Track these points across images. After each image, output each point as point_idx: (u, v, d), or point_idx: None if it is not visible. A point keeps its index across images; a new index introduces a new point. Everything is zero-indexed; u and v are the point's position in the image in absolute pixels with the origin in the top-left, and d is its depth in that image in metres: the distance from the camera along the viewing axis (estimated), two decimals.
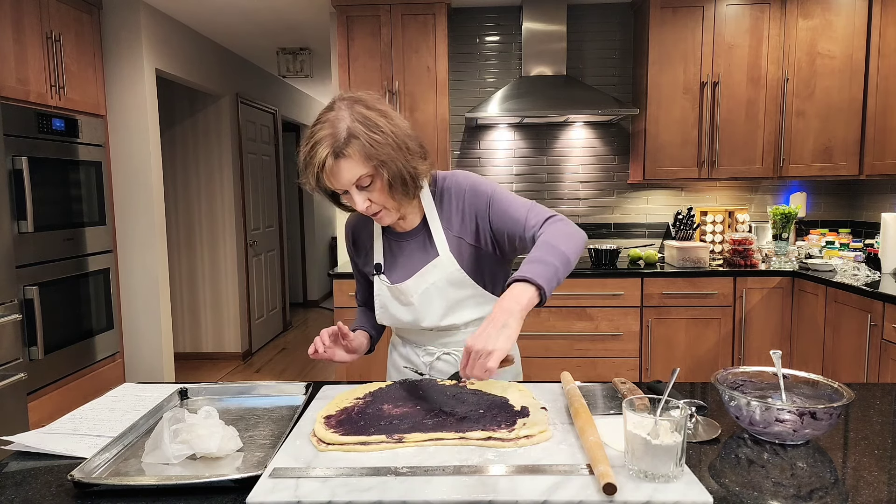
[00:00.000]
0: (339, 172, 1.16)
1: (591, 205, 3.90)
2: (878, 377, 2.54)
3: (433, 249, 1.34)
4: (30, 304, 2.76)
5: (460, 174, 1.35)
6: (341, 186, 1.18)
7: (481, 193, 1.30)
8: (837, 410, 0.97)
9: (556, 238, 1.16)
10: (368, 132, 1.15)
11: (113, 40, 3.56)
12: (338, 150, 1.14)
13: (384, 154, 1.16)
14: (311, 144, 1.16)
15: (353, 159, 1.15)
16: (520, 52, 3.75)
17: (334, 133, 1.14)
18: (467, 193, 1.32)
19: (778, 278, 3.23)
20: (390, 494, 0.83)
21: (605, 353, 3.31)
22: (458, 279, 1.32)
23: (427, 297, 1.33)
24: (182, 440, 0.97)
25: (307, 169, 1.17)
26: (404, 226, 1.37)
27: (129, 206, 3.66)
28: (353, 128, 1.15)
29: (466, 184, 1.32)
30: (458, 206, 1.33)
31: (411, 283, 1.33)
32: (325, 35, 4.30)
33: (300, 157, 1.19)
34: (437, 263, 1.32)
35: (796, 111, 3.41)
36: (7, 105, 2.66)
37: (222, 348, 4.96)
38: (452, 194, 1.33)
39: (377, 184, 1.19)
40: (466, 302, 1.35)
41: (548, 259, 1.11)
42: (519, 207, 1.26)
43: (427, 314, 1.35)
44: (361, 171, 1.16)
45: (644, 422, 0.86)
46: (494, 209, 1.29)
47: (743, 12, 3.37)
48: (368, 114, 1.17)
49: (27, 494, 0.88)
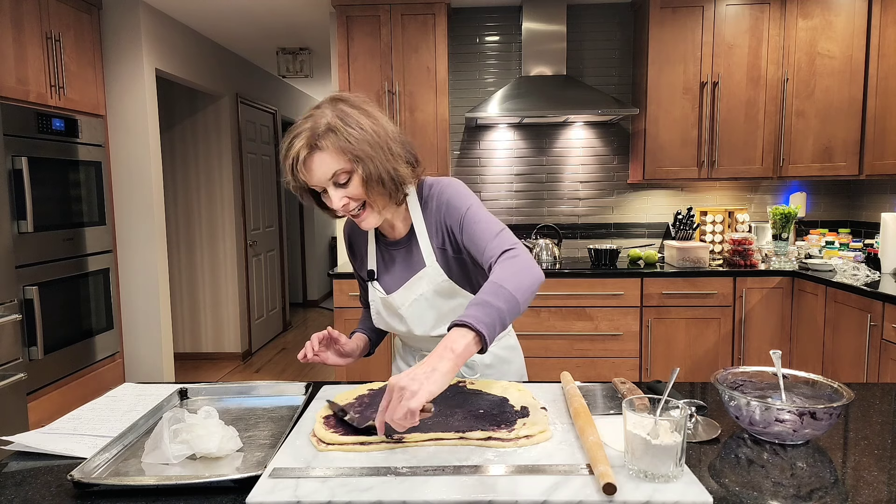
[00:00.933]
0: (313, 166, 1.15)
1: (591, 205, 3.90)
2: (878, 377, 2.54)
3: (420, 259, 1.32)
4: (30, 304, 2.76)
5: (444, 182, 1.31)
6: (317, 182, 1.16)
7: (455, 209, 1.26)
8: (837, 410, 0.97)
9: (506, 278, 1.06)
10: (346, 127, 1.14)
11: (113, 40, 3.56)
12: (313, 143, 1.13)
13: (360, 150, 1.14)
14: (289, 138, 1.16)
15: (327, 152, 1.14)
16: (520, 52, 3.75)
17: (313, 126, 1.15)
18: (444, 206, 1.28)
19: (778, 278, 3.23)
20: (390, 494, 0.83)
21: (604, 353, 3.31)
22: (447, 289, 1.30)
23: (416, 308, 1.32)
24: (182, 440, 0.97)
25: (284, 162, 1.17)
26: (394, 234, 1.35)
27: (129, 206, 3.66)
28: (332, 122, 1.14)
29: (445, 196, 1.28)
30: (436, 218, 1.30)
31: (398, 297, 1.32)
32: (325, 35, 4.30)
33: (280, 152, 1.19)
34: (424, 274, 1.30)
35: (796, 111, 3.41)
36: (7, 105, 2.66)
37: (222, 348, 4.96)
38: (434, 204, 1.30)
39: (354, 181, 1.16)
40: (458, 310, 1.32)
41: (493, 302, 1.02)
42: (484, 232, 1.20)
43: (418, 325, 1.34)
44: (336, 167, 1.15)
45: (644, 422, 0.86)
46: (465, 228, 1.24)
47: (743, 12, 3.37)
48: (350, 111, 1.17)
49: (27, 494, 0.88)
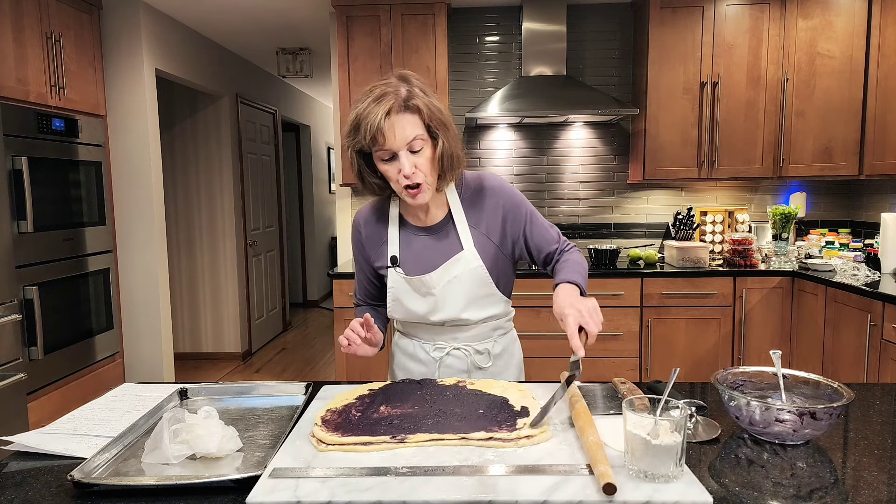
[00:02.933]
0: (403, 125, 1.19)
1: (591, 205, 3.90)
2: (878, 377, 2.54)
3: (457, 245, 1.36)
4: (29, 304, 2.76)
5: (490, 176, 1.41)
6: (397, 143, 1.19)
7: (520, 205, 1.39)
8: (837, 410, 0.97)
9: (579, 261, 1.36)
10: (428, 98, 1.23)
11: (113, 40, 3.56)
12: (405, 103, 1.19)
13: (439, 123, 1.23)
14: (370, 99, 1.19)
15: (416, 115, 1.20)
16: (520, 52, 3.75)
17: (397, 92, 1.20)
18: (506, 200, 1.38)
19: (778, 278, 3.23)
20: (390, 494, 0.83)
21: (604, 353, 3.31)
22: (480, 276, 1.35)
23: (449, 289, 1.35)
24: (182, 440, 0.97)
25: (362, 124, 1.19)
26: (426, 220, 1.38)
27: (129, 206, 3.66)
28: (414, 91, 1.21)
29: (504, 190, 1.39)
30: (493, 208, 1.37)
31: (435, 276, 1.34)
32: (325, 35, 4.30)
33: (352, 117, 1.21)
34: (461, 258, 1.34)
35: (796, 111, 3.41)
36: (7, 105, 2.66)
37: (222, 348, 4.96)
38: (487, 195, 1.38)
39: (426, 152, 1.23)
40: (482, 300, 1.38)
41: (581, 272, 1.31)
42: (549, 230, 1.42)
43: (446, 306, 1.36)
44: (419, 131, 1.21)
45: (644, 422, 0.86)
46: (534, 224, 1.40)
47: (743, 12, 3.37)
48: (426, 87, 1.25)
49: (27, 494, 0.88)
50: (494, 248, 1.37)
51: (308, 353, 5.20)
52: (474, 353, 1.42)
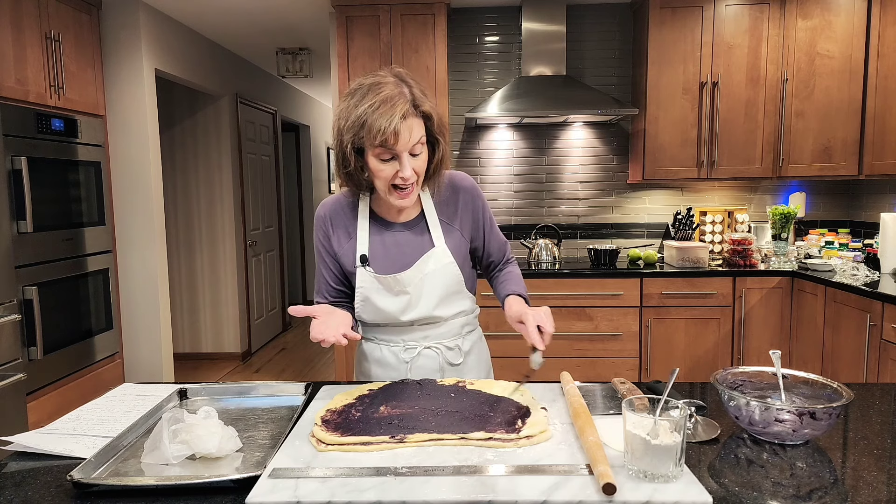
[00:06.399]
0: (412, 129, 1.19)
1: (591, 205, 3.91)
2: (878, 377, 2.54)
3: (429, 242, 1.36)
4: (29, 305, 2.76)
5: (462, 175, 1.43)
6: (404, 145, 1.19)
7: (487, 208, 1.44)
8: (837, 410, 0.97)
9: (519, 274, 1.49)
10: (431, 102, 1.24)
11: (112, 40, 3.56)
12: (413, 108, 1.19)
13: (442, 130, 1.27)
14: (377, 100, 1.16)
15: (424, 121, 1.22)
16: (519, 53, 3.75)
17: (402, 93, 1.19)
18: (477, 201, 1.42)
19: (777, 278, 3.23)
20: (390, 494, 0.83)
21: (604, 353, 3.31)
22: (452, 272, 1.36)
23: (422, 286, 1.34)
24: (181, 440, 0.97)
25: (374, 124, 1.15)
26: (399, 216, 1.37)
27: (129, 207, 3.65)
28: (415, 93, 1.21)
29: (476, 191, 1.43)
30: (464, 204, 1.40)
31: (409, 274, 1.32)
32: (325, 35, 4.30)
33: (357, 113, 1.17)
34: (433, 255, 1.34)
35: (795, 111, 3.41)
36: (6, 105, 2.66)
37: (222, 348, 4.95)
38: (459, 190, 1.40)
39: (423, 156, 1.25)
40: (453, 297, 1.39)
41: (522, 283, 1.44)
42: (499, 236, 1.50)
43: (420, 303, 1.35)
44: (420, 135, 1.22)
45: (643, 422, 0.86)
46: (493, 230, 1.47)
47: (742, 12, 3.37)
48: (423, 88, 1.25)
49: (27, 495, 0.88)
50: (465, 244, 1.41)
51: (308, 353, 5.20)
52: (445, 350, 1.41)
